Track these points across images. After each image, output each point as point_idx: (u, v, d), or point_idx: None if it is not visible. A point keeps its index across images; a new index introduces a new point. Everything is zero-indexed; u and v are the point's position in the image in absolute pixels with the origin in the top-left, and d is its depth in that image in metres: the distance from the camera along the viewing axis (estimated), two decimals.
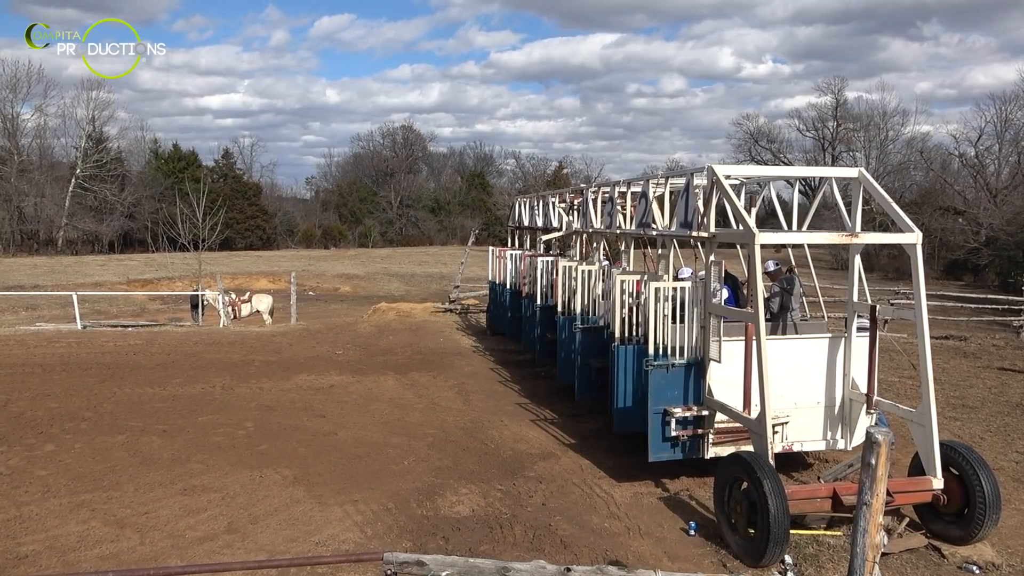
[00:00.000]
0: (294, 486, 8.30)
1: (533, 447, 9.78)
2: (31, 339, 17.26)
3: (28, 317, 22.56)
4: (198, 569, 6.08)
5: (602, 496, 8.07)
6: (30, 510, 7.60)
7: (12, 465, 8.87)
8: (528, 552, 6.63)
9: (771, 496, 6.33)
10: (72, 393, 12.17)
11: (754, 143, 67.78)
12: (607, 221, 11.85)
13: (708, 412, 8.21)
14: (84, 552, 6.75)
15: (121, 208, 54.40)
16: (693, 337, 8.46)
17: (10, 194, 51.39)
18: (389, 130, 73.31)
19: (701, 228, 8.41)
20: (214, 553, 6.72)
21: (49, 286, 30.00)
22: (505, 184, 73.99)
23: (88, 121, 57.04)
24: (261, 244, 58.59)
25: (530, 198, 18.73)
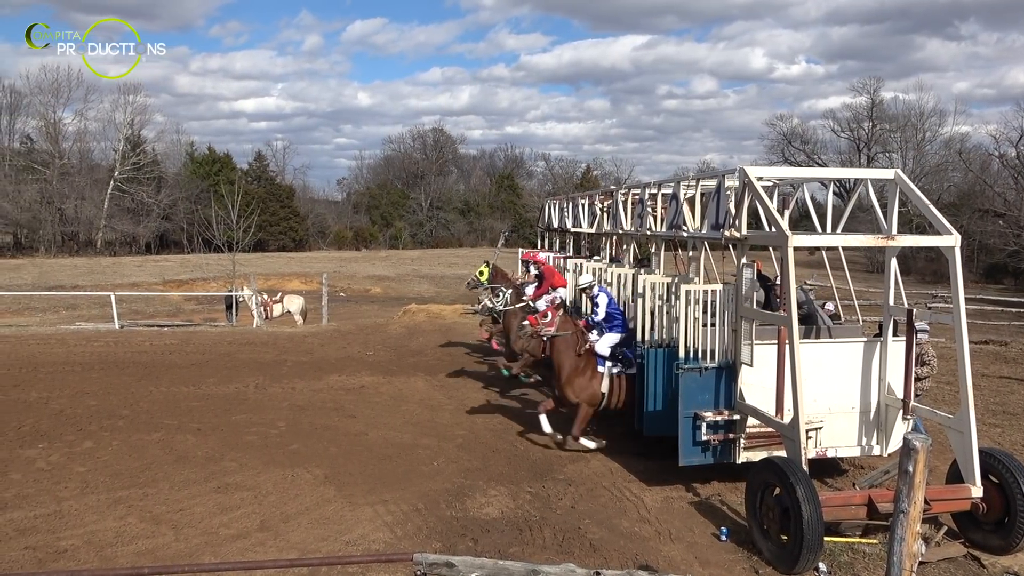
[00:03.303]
0: (325, 485, 8.38)
1: (562, 449, 9.75)
2: (71, 338, 17.66)
3: (68, 316, 23.11)
4: (231, 566, 6.15)
5: (632, 500, 8.02)
6: (69, 505, 7.77)
7: (52, 461, 9.08)
8: (557, 555, 6.62)
9: (805, 502, 6.24)
10: (110, 391, 12.42)
11: (787, 144, 66.86)
12: (637, 223, 11.78)
13: (740, 416, 8.12)
14: (121, 548, 6.88)
15: (158, 210, 55.46)
16: (724, 340, 8.37)
17: (52, 196, 52.72)
18: (420, 133, 73.85)
19: (733, 230, 8.32)
20: (247, 551, 6.80)
21: (88, 286, 30.70)
22: (535, 186, 73.98)
23: (126, 125, 58.33)
24: (293, 246, 59.28)
25: (560, 200, 18.68)
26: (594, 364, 9.35)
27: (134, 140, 58.41)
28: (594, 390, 9.31)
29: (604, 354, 9.38)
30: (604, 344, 9.41)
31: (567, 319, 9.58)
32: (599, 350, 9.36)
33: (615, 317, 9.61)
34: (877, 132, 63.06)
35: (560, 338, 9.40)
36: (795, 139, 67.27)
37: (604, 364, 9.35)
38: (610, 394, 9.35)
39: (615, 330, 9.54)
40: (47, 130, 56.44)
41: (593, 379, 9.32)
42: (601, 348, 9.38)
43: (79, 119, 57.91)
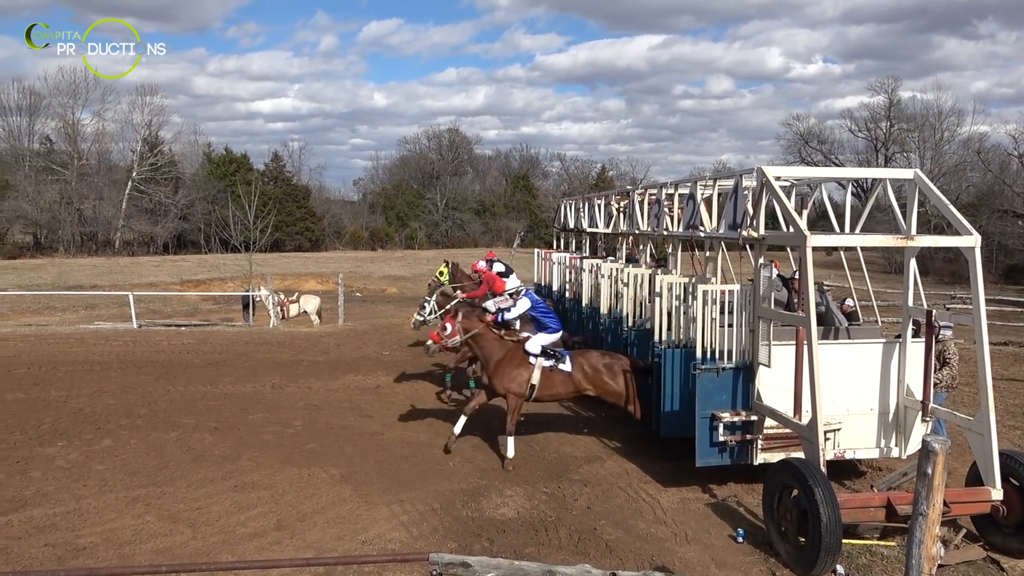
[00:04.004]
0: (341, 485, 8.41)
1: (578, 450, 9.74)
2: (90, 337, 17.84)
3: (87, 316, 23.35)
4: (248, 565, 6.19)
5: (648, 501, 7.99)
6: (88, 503, 7.84)
7: (72, 459, 9.17)
8: (573, 555, 6.60)
9: (823, 504, 6.19)
10: (128, 390, 12.54)
11: (804, 144, 66.34)
12: (654, 223, 11.74)
13: (757, 417, 8.06)
14: (139, 545, 6.94)
15: (175, 210, 55.92)
16: (742, 341, 8.33)
17: (71, 197, 53.28)
18: (435, 133, 73.94)
19: (750, 230, 8.27)
20: (264, 549, 6.84)
21: (107, 286, 31.00)
22: (550, 186, 73.86)
23: (144, 126, 58.85)
24: (310, 246, 59.59)
25: (576, 200, 18.65)
26: (524, 356, 9.41)
27: (152, 141, 58.91)
28: (522, 380, 9.32)
29: (534, 351, 9.42)
30: (535, 343, 9.48)
31: (471, 319, 9.58)
32: (529, 348, 9.42)
33: (549, 318, 9.68)
34: (895, 132, 62.46)
35: (477, 335, 9.45)
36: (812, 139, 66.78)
37: (536, 357, 9.40)
38: (541, 386, 9.37)
39: (548, 332, 9.65)
40: (66, 131, 57.07)
41: (522, 369, 9.33)
42: (531, 347, 9.43)
43: (97, 120, 58.57)
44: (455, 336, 9.36)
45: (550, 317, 9.78)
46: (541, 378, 9.36)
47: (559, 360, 9.46)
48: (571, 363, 9.48)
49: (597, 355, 9.83)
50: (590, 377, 9.47)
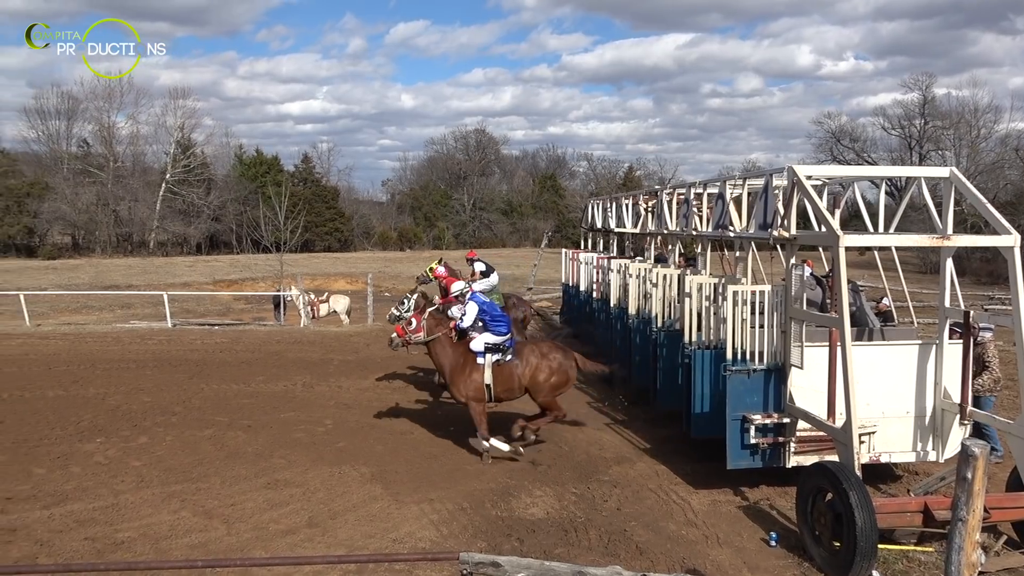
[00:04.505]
0: (372, 483, 8.48)
1: (607, 451, 9.71)
2: (126, 336, 18.19)
3: (123, 315, 23.79)
4: (282, 561, 6.29)
5: (679, 503, 7.94)
6: (126, 498, 8.01)
7: (110, 455, 9.36)
8: (603, 557, 6.58)
9: (858, 508, 6.10)
10: (163, 388, 12.77)
11: (836, 142, 65.30)
12: (682, 223, 11.67)
13: (790, 420, 7.97)
14: (175, 540, 7.06)
15: (208, 211, 56.73)
16: (773, 342, 8.24)
17: (107, 199, 54.32)
18: (462, 133, 74.05)
19: (781, 229, 8.18)
20: (296, 546, 6.93)
21: (142, 286, 31.56)
22: (577, 186, 73.62)
23: (177, 128, 59.76)
24: (339, 246, 60.07)
25: (603, 200, 18.61)
26: (472, 359, 9.38)
27: (184, 143, 59.84)
28: (477, 383, 9.32)
29: (479, 350, 9.37)
30: (479, 342, 9.41)
31: (438, 320, 9.62)
32: (473, 347, 9.39)
33: (498, 321, 9.61)
34: (929, 129, 61.23)
35: (436, 341, 9.44)
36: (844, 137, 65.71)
37: (483, 357, 9.36)
38: (495, 384, 9.33)
39: (498, 333, 9.54)
40: (102, 134, 58.15)
41: (473, 373, 9.33)
42: (475, 345, 9.40)
43: (132, 123, 59.62)
44: (419, 333, 9.43)
45: (498, 321, 9.64)
46: (494, 376, 9.36)
47: (505, 352, 9.40)
48: (515, 353, 9.39)
49: (549, 345, 9.76)
50: (533, 367, 9.32)
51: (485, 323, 9.50)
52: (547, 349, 9.57)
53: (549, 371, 9.31)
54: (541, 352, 9.47)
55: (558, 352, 9.53)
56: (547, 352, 9.48)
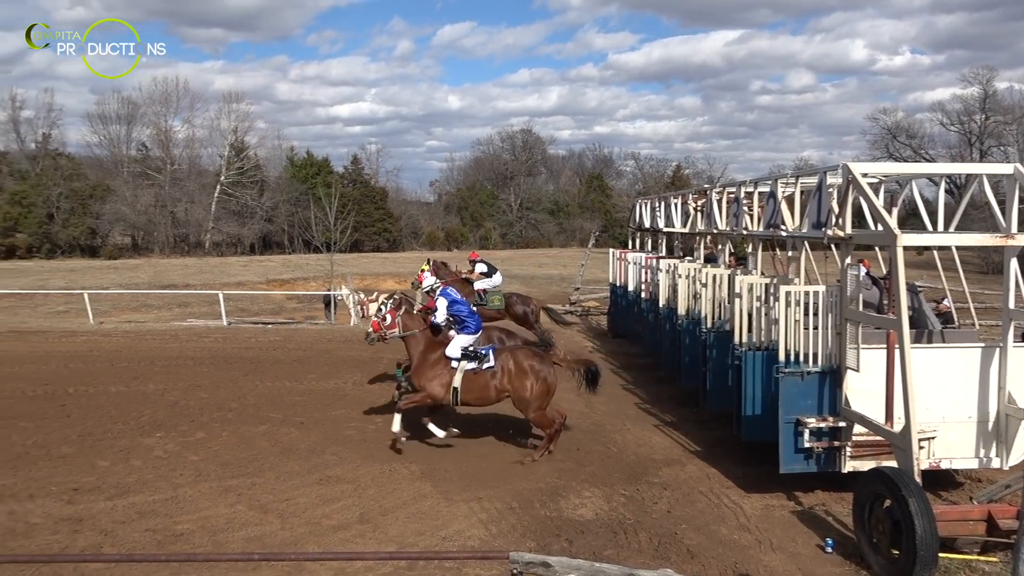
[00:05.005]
0: (421, 481, 8.57)
1: (657, 452, 9.63)
2: (183, 334, 18.73)
3: (180, 314, 24.47)
4: (334, 556, 6.40)
5: (730, 506, 7.83)
6: (184, 492, 8.25)
7: (169, 450, 9.65)
8: (653, 559, 6.53)
9: (918, 516, 5.93)
10: (219, 385, 13.10)
11: (892, 139, 63.43)
12: (733, 222, 11.50)
13: (845, 424, 7.79)
14: (232, 533, 7.25)
15: (261, 212, 57.97)
16: (828, 344, 8.06)
17: (165, 200, 55.99)
18: (509, 134, 74.14)
19: (836, 229, 8.00)
20: (348, 542, 7.04)
21: (198, 285, 32.40)
22: (624, 186, 73.08)
23: (231, 132, 61.21)
24: (388, 246, 60.77)
25: (651, 199, 18.45)
26: (446, 360, 9.39)
27: (238, 146, 61.22)
28: (442, 382, 9.32)
29: (455, 356, 9.36)
30: (455, 346, 9.41)
31: (413, 317, 9.68)
32: (449, 353, 9.38)
33: (466, 320, 9.61)
34: (990, 125, 59.06)
35: (412, 336, 9.53)
36: (900, 134, 63.81)
37: (457, 361, 9.36)
38: (464, 390, 9.31)
39: (465, 331, 9.54)
40: (159, 138, 59.96)
41: (442, 372, 9.34)
42: (451, 351, 9.39)
43: (187, 127, 61.32)
44: (394, 329, 9.57)
45: (468, 316, 9.69)
46: (464, 381, 9.31)
47: (483, 360, 9.34)
48: (495, 361, 9.32)
49: (527, 353, 9.59)
50: (511, 376, 9.27)
51: (456, 318, 9.59)
52: (523, 358, 9.40)
53: (531, 384, 9.22)
54: (517, 363, 9.32)
55: (534, 360, 9.39)
56: (522, 362, 9.33)
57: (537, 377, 9.23)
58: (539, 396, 9.21)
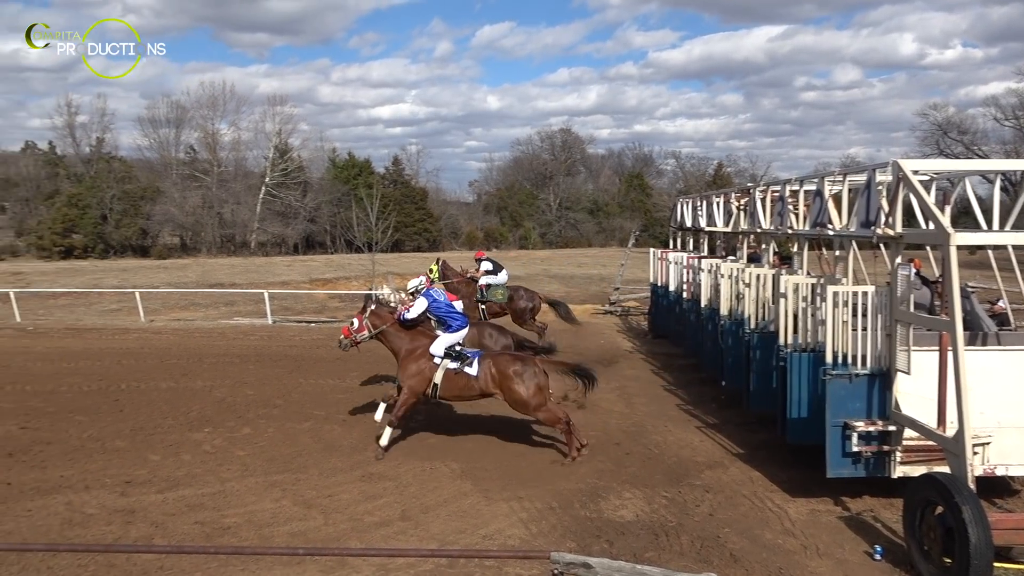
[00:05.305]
0: (462, 479, 8.61)
1: (699, 455, 9.53)
2: (230, 332, 19.13)
3: (227, 312, 24.98)
4: (376, 553, 6.48)
5: (775, 510, 7.70)
6: (231, 486, 8.43)
7: (216, 445, 9.88)
8: (695, 563, 6.46)
9: (971, 524, 5.76)
10: (265, 382, 13.36)
11: (942, 135, 61.61)
12: (777, 221, 11.30)
13: (895, 428, 7.60)
14: (277, 528, 7.39)
15: (304, 213, 58.90)
16: (877, 345, 7.88)
17: (212, 202, 57.30)
18: (548, 133, 73.98)
19: (886, 227, 7.81)
20: (390, 538, 7.12)
21: (244, 284, 33.04)
22: (665, 185, 72.44)
23: (275, 134, 62.33)
24: (428, 246, 61.19)
25: (692, 198, 18.25)
26: (429, 356, 9.58)
27: (282, 148, 62.28)
28: (423, 378, 9.52)
29: (438, 354, 9.54)
30: (439, 345, 9.59)
31: (381, 316, 9.84)
32: (433, 351, 9.56)
33: (449, 320, 9.74)
34: None
35: (385, 332, 9.76)
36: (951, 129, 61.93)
37: (440, 359, 9.54)
38: (443, 387, 9.53)
39: (449, 331, 9.72)
40: (207, 141, 61.33)
41: (424, 367, 9.53)
42: (434, 348, 9.57)
43: (233, 130, 62.63)
44: (363, 331, 9.79)
45: (452, 315, 9.84)
46: (444, 379, 9.47)
47: (465, 362, 9.47)
48: (478, 366, 9.44)
49: (508, 359, 9.65)
50: (497, 381, 9.41)
51: (439, 318, 9.77)
52: (505, 365, 9.47)
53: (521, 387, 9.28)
54: (500, 370, 9.41)
55: (516, 364, 9.48)
56: (505, 368, 9.40)
57: (523, 379, 9.35)
58: (534, 395, 9.32)
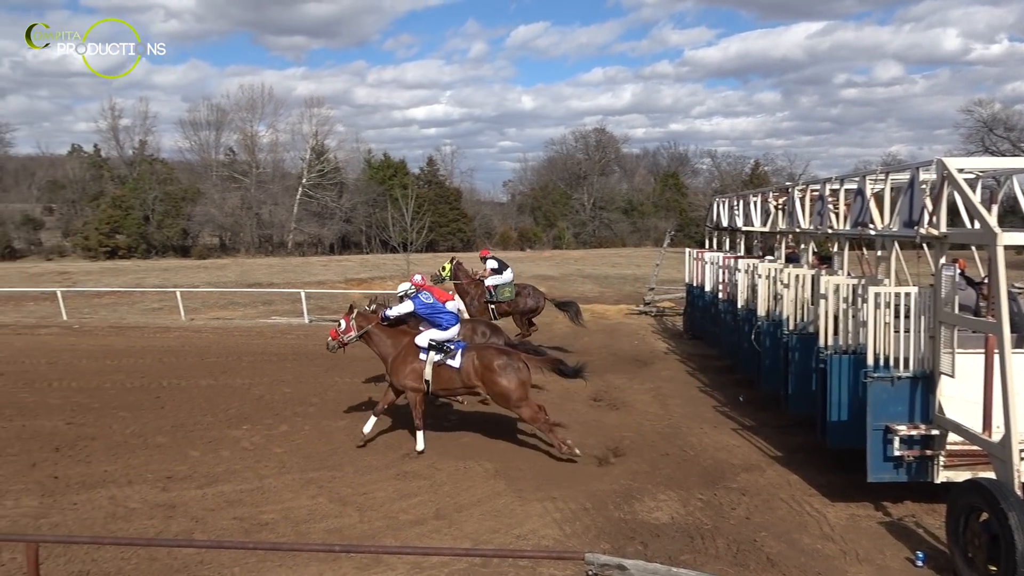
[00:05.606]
0: (496, 479, 8.63)
1: (735, 457, 9.41)
2: (268, 331, 19.43)
3: (265, 311, 25.37)
4: (412, 551, 6.52)
5: (813, 515, 7.58)
6: (269, 483, 8.56)
7: (255, 442, 10.04)
8: (731, 567, 6.39)
9: (1018, 531, 5.60)
10: (301, 380, 13.53)
11: (988, 132, 59.99)
12: (816, 221, 11.11)
13: (939, 432, 7.42)
14: (313, 524, 7.48)
15: (340, 213, 59.59)
16: (920, 348, 7.70)
17: (250, 202, 58.29)
18: (582, 133, 73.76)
19: (929, 227, 7.63)
20: (424, 536, 7.15)
21: (281, 284, 33.52)
22: (700, 184, 71.73)
23: (312, 135, 63.17)
24: (462, 246, 61.41)
25: (729, 198, 18.03)
26: (415, 352, 9.70)
27: (319, 149, 63.08)
28: (416, 373, 9.64)
29: (422, 345, 9.66)
30: (424, 337, 9.72)
31: (367, 317, 10.04)
32: (418, 342, 9.70)
33: (437, 320, 9.84)
34: None
35: (370, 333, 9.94)
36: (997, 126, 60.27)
37: (426, 353, 9.63)
38: (434, 381, 9.63)
39: (441, 328, 9.81)
40: (246, 143, 62.42)
41: (414, 365, 9.65)
42: (419, 340, 9.70)
43: (271, 131, 63.63)
44: (350, 332, 9.95)
45: (441, 315, 9.90)
46: (433, 374, 9.57)
47: (448, 354, 9.55)
48: (461, 358, 9.52)
49: (492, 352, 9.69)
50: (479, 374, 9.44)
51: (427, 320, 9.87)
52: (489, 358, 9.50)
53: (504, 380, 9.32)
54: (484, 363, 9.45)
55: (500, 357, 9.51)
56: (490, 361, 9.44)
57: (505, 372, 9.41)
58: (516, 389, 9.37)
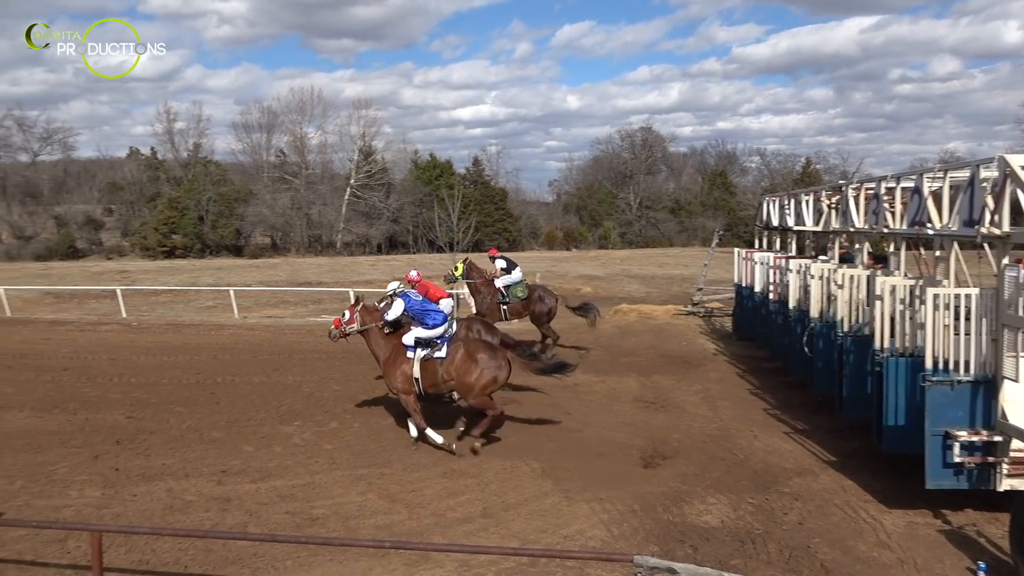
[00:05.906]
0: (542, 479, 8.63)
1: (787, 461, 9.24)
2: (318, 329, 19.71)
3: (315, 310, 25.82)
4: (460, 548, 6.56)
5: (869, 521, 7.40)
6: (320, 478, 8.72)
7: (306, 438, 10.23)
8: (784, 573, 6.29)
9: None
10: (351, 378, 13.73)
11: None
12: (871, 220, 10.84)
13: (1001, 438, 7.17)
14: (363, 520, 7.60)
15: (387, 213, 60.33)
16: (982, 351, 7.45)
17: (300, 203, 59.43)
18: (628, 132, 73.24)
19: (991, 226, 7.37)
20: (471, 535, 7.20)
21: (331, 283, 34.09)
22: (749, 183, 70.56)
23: (359, 137, 64.10)
24: (508, 246, 61.49)
25: (780, 196, 17.69)
26: (403, 352, 9.83)
27: (366, 150, 63.94)
28: (406, 375, 9.79)
29: (409, 343, 9.79)
30: (410, 336, 9.82)
31: (371, 313, 10.16)
32: (405, 341, 9.82)
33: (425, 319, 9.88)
34: None
35: (369, 331, 10.04)
36: None
37: (413, 351, 9.78)
38: (423, 378, 9.76)
39: (427, 326, 9.85)
40: (296, 144, 63.71)
41: (403, 365, 9.80)
42: (406, 339, 9.82)
43: (320, 133, 64.74)
44: (353, 324, 10.07)
45: (430, 313, 9.96)
46: (421, 371, 9.73)
47: (435, 348, 9.75)
48: (447, 349, 9.71)
49: (477, 344, 9.88)
50: (456, 365, 9.56)
51: (416, 318, 9.94)
52: (474, 349, 9.72)
53: (477, 372, 9.50)
54: (468, 352, 9.66)
55: (484, 352, 9.68)
56: (474, 352, 9.65)
57: (481, 369, 9.55)
58: (484, 386, 9.55)
